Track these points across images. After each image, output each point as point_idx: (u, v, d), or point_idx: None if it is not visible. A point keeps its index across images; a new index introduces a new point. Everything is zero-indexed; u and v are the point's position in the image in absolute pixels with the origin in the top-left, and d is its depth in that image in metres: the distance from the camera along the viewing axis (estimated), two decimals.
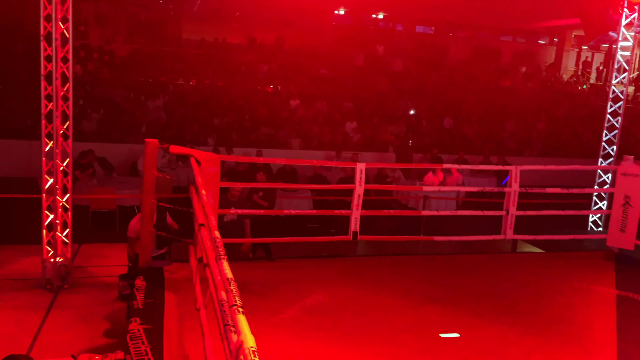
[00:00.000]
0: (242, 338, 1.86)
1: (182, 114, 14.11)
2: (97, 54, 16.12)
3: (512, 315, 5.02)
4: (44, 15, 6.18)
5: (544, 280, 5.94)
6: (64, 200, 6.59)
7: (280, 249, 7.50)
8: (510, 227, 6.44)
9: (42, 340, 5.42)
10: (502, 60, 23.02)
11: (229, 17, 21.91)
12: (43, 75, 6.26)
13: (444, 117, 16.91)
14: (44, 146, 6.38)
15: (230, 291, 2.28)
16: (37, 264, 6.76)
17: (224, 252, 2.70)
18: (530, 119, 18.16)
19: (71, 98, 6.49)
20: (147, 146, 5.26)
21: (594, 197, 9.60)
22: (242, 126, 14.09)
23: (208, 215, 3.46)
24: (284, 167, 10.85)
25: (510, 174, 6.33)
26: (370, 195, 10.43)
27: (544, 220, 6.87)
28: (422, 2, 18.52)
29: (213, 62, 17.55)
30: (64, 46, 6.32)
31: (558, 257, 6.75)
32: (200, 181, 4.48)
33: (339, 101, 16.72)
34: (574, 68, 25.33)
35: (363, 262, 6.24)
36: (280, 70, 18.11)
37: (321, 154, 13.73)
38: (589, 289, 5.77)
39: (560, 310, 5.19)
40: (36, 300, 6.23)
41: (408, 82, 19.18)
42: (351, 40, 21.86)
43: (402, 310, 4.98)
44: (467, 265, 6.41)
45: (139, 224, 5.59)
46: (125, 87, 14.93)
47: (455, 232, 6.84)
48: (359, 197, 6.00)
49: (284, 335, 4.32)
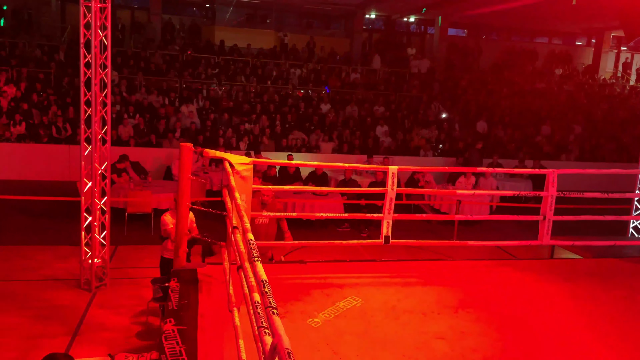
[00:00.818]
0: (277, 339, 1.86)
1: (215, 118, 14.33)
2: (133, 60, 16.54)
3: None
4: (83, 23, 6.38)
5: (580, 287, 5.75)
6: (102, 203, 6.77)
7: (312, 252, 7.52)
8: (548, 233, 6.27)
9: (80, 339, 5.57)
10: (538, 63, 22.53)
11: (261, 22, 22.18)
12: (82, 82, 6.45)
13: (478, 121, 16.66)
14: (82, 150, 6.58)
15: (264, 293, 2.29)
16: (75, 265, 6.96)
17: (257, 254, 2.72)
18: (567, 122, 17.71)
19: (109, 104, 6.67)
20: (182, 150, 5.35)
21: (634, 202, 9.28)
22: (273, 130, 14.20)
23: (241, 218, 3.49)
24: (314, 171, 10.89)
25: (548, 178, 6.18)
26: (401, 199, 10.41)
27: (582, 225, 6.68)
28: (454, 5, 18.35)
29: (245, 68, 17.78)
30: (102, 53, 6.51)
31: (597, 264, 6.53)
32: (233, 184, 4.53)
33: (370, 105, 16.69)
34: (613, 69, 24.59)
35: (395, 266, 6.17)
36: (311, 74, 18.20)
37: (352, 158, 13.72)
38: (630, 297, 5.56)
39: (597, 318, 5.02)
40: (75, 300, 6.41)
41: (440, 85, 18.99)
42: (383, 43, 21.82)
43: (435, 316, 4.90)
44: (502, 271, 6.27)
45: (167, 223, 5.71)
46: (160, 92, 15.26)
47: (490, 238, 6.70)
48: (391, 201, 5.95)
49: (315, 340, 4.31)
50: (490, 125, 16.58)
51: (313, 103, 16.26)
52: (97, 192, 6.68)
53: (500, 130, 16.28)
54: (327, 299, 5.08)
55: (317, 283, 5.54)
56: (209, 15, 22.04)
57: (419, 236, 9.26)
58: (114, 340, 5.53)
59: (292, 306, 4.85)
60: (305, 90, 17.52)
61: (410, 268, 6.14)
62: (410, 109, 16.95)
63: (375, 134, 14.99)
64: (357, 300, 5.10)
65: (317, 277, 5.71)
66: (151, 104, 14.58)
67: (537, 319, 4.96)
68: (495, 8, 17.10)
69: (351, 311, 4.89)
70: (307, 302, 5.01)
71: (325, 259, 6.42)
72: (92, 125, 6.48)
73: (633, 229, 9.26)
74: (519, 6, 16.25)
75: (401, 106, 17.11)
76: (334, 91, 17.36)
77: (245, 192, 5.26)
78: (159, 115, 14.13)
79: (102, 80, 6.55)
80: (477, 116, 17.02)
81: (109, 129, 6.73)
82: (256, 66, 17.84)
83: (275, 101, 15.91)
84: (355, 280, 5.63)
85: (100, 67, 6.51)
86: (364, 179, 11.46)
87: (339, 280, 5.59)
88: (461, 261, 6.93)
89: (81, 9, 6.36)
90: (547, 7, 16.78)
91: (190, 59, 17.59)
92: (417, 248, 7.71)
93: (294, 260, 6.85)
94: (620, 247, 7.09)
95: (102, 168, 6.73)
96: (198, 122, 14.11)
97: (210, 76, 16.88)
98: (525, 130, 16.65)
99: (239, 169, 5.13)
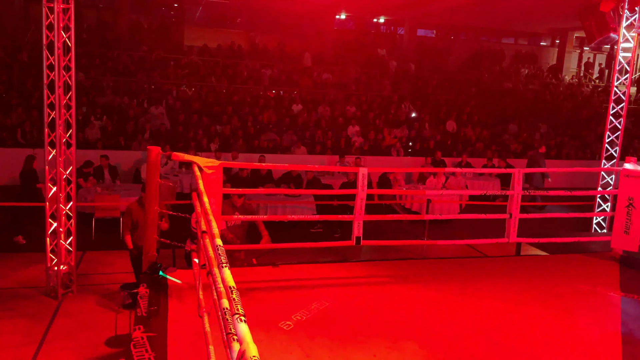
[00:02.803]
0: (244, 347, 1.86)
1: (185, 120, 14.17)
2: (99, 61, 16.20)
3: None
4: (46, 24, 6.22)
5: (547, 283, 5.91)
6: (68, 208, 6.61)
7: (285, 254, 7.51)
8: (514, 230, 6.43)
9: (46, 348, 5.43)
10: (504, 63, 23.01)
11: (231, 23, 22.02)
12: (46, 84, 6.29)
13: (447, 121, 16.91)
14: (47, 154, 6.41)
15: (232, 299, 2.28)
16: (41, 272, 6.78)
17: (226, 260, 2.70)
18: (533, 121, 18.14)
19: (74, 106, 6.52)
20: (150, 153, 5.28)
21: (597, 199, 9.57)
22: (245, 132, 14.12)
23: (210, 222, 3.47)
24: (289, 172, 10.86)
25: (513, 177, 6.32)
26: (373, 199, 10.48)
27: (548, 222, 6.86)
28: (423, 6, 18.58)
29: (215, 68, 17.62)
30: (66, 55, 6.36)
31: (562, 260, 6.72)
32: (202, 188, 4.49)
33: (341, 105, 16.75)
34: (576, 69, 25.31)
35: (366, 267, 6.23)
36: (282, 75, 18.16)
37: (324, 159, 13.76)
38: (594, 291, 5.75)
39: (565, 312, 5.16)
40: (40, 309, 6.25)
41: (410, 85, 19.20)
42: (353, 44, 21.93)
43: (406, 316, 4.96)
44: (471, 268, 6.39)
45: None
46: (128, 93, 14.99)
47: (459, 236, 6.82)
48: (362, 202, 6.00)
49: (287, 343, 4.31)
50: (459, 125, 16.85)
51: (285, 104, 16.23)
52: (63, 197, 6.52)
53: (469, 130, 16.56)
54: (299, 301, 5.09)
55: (289, 285, 5.54)
56: (177, 15, 21.76)
57: (391, 236, 9.36)
58: (81, 349, 5.41)
59: (264, 309, 4.85)
60: (277, 91, 17.47)
61: (381, 268, 6.20)
62: (381, 109, 17.09)
63: (347, 134, 15.06)
64: (329, 302, 5.12)
65: (289, 279, 5.72)
66: (119, 106, 14.31)
67: (504, 316, 5.07)
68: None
69: (323, 312, 4.91)
70: (279, 304, 5.00)
71: (297, 261, 6.43)
72: (56, 129, 6.33)
73: (596, 225, 9.55)
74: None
75: (372, 106, 17.23)
76: (305, 91, 17.37)
77: (214, 195, 5.23)
78: (127, 117, 13.88)
79: (66, 82, 6.40)
80: (447, 115, 17.28)
81: (74, 132, 6.58)
82: (227, 66, 17.70)
83: (246, 102, 15.82)
84: (327, 281, 5.66)
85: (64, 69, 6.36)
86: (336, 179, 11.50)
87: (311, 282, 5.61)
88: (431, 260, 7.04)
89: (43, 10, 6.20)
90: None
91: (159, 60, 17.33)
92: (389, 248, 7.78)
93: (266, 262, 6.83)
94: (584, 243, 7.31)
95: (67, 172, 6.58)
96: (168, 124, 13.92)
97: (180, 77, 16.68)
98: (493, 129, 16.99)
99: (208, 172, 5.09)
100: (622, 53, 8.97)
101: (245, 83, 17.18)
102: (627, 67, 9.03)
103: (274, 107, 15.84)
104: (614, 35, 8.75)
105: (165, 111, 14.47)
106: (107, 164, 10.34)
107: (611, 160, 9.23)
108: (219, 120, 14.46)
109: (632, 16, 8.62)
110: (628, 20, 8.66)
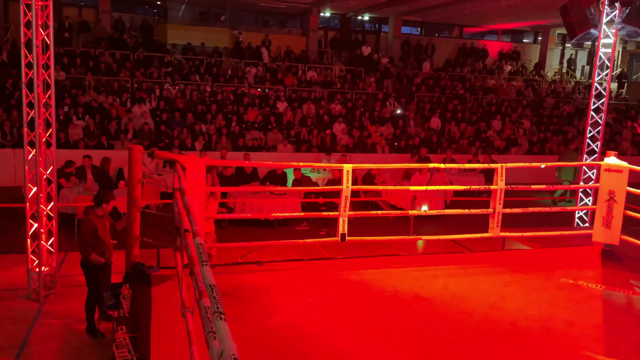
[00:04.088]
0: (223, 345, 1.84)
1: (169, 119, 14.04)
2: (81, 59, 15.98)
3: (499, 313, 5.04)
4: (24, 22, 6.12)
5: (530, 277, 5.97)
6: (48, 208, 6.52)
7: (270, 252, 7.48)
8: (497, 225, 6.47)
9: (28, 351, 5.35)
10: (488, 60, 23.19)
11: (216, 20, 21.86)
12: (24, 83, 6.19)
13: (432, 118, 17.00)
14: (26, 154, 6.31)
15: (213, 298, 2.26)
16: (22, 274, 6.67)
17: (207, 259, 2.68)
18: (516, 117, 18.31)
19: (54, 105, 6.43)
20: (132, 152, 5.22)
21: (579, 193, 9.68)
22: (230, 130, 14.05)
23: (192, 221, 3.43)
24: (274, 170, 10.83)
25: (496, 172, 6.36)
26: (359, 196, 10.50)
27: (531, 217, 6.92)
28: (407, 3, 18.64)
29: (200, 66, 17.49)
30: (45, 52, 6.27)
31: (545, 254, 6.79)
32: (185, 187, 4.45)
33: (327, 103, 16.74)
34: (559, 65, 25.61)
35: (352, 263, 6.22)
36: (267, 73, 18.10)
37: (310, 157, 13.74)
38: (576, 285, 5.81)
39: (547, 306, 5.22)
40: (22, 311, 6.16)
41: (395, 83, 19.26)
42: (337, 42, 21.93)
43: (393, 310, 4.97)
44: (455, 264, 6.43)
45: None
46: (110, 93, 14.81)
47: (445, 232, 6.85)
48: (347, 199, 6.00)
49: (272, 341, 4.30)
50: (444, 121, 16.95)
51: (270, 102, 16.17)
52: (43, 198, 6.42)
53: (453, 126, 16.66)
54: (284, 299, 5.08)
55: (274, 283, 5.52)
56: (160, 14, 21.55)
57: (377, 232, 9.35)
58: (64, 352, 5.34)
59: (249, 307, 4.82)
60: (262, 89, 17.40)
61: (366, 264, 6.20)
62: (366, 107, 17.11)
63: (333, 131, 15.06)
64: (315, 299, 5.12)
65: (274, 277, 5.70)
66: (101, 105, 14.14)
67: (488, 309, 5.11)
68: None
69: (309, 310, 4.90)
70: (265, 303, 4.98)
71: (283, 259, 6.41)
72: (35, 128, 6.23)
73: (578, 219, 9.66)
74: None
75: (358, 104, 17.25)
76: (290, 89, 17.32)
77: (198, 194, 5.19)
78: (109, 116, 13.72)
79: (45, 81, 6.30)
80: (431, 112, 17.37)
81: (54, 131, 6.49)
82: (211, 65, 17.58)
83: (230, 100, 15.73)
84: (312, 279, 5.65)
85: (43, 67, 6.26)
86: (322, 177, 11.50)
87: (296, 279, 5.59)
88: (416, 256, 7.06)
89: (21, 7, 6.10)
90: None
91: (142, 58, 17.15)
92: (374, 244, 7.78)
93: (251, 261, 6.80)
94: (567, 237, 7.39)
95: (48, 172, 6.48)
96: (151, 123, 13.79)
97: (164, 75, 16.52)
98: (478, 126, 17.11)
99: (191, 171, 5.04)
100: (603, 49, 9.08)
101: (229, 81, 17.09)
102: (608, 62, 9.14)
103: (259, 105, 15.78)
104: (595, 32, 8.85)
105: (149, 110, 14.33)
106: (89, 164, 10.21)
107: (592, 155, 9.34)
108: (203, 119, 14.37)
109: (612, 12, 8.72)
110: (608, 17, 8.77)
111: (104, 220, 5.77)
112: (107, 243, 5.75)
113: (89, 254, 5.64)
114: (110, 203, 5.73)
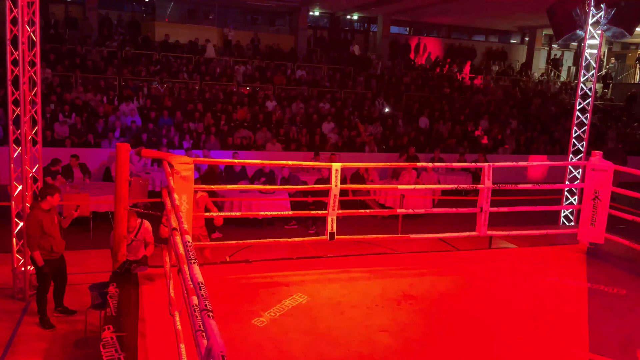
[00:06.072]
0: (211, 343, 1.84)
1: (157, 117, 13.94)
2: (68, 57, 15.81)
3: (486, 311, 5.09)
4: (9, 18, 6.05)
5: (516, 275, 6.03)
6: None
7: (259, 251, 7.47)
8: (484, 224, 6.53)
9: (14, 351, 5.29)
10: (476, 60, 23.37)
11: (204, 18, 21.76)
12: (10, 79, 6.13)
13: (420, 117, 17.07)
14: (12, 152, 6.24)
15: (201, 296, 2.26)
16: (8, 273, 6.60)
17: (195, 257, 2.67)
18: (504, 117, 18.46)
19: (40, 103, 6.36)
20: (119, 150, 5.18)
21: (565, 192, 9.79)
22: (218, 129, 13.99)
23: (180, 219, 3.42)
24: (262, 169, 10.81)
25: (483, 171, 6.42)
26: (347, 195, 10.52)
27: (517, 216, 6.99)
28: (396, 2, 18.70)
29: (188, 65, 17.39)
30: (31, 49, 6.20)
31: (531, 253, 6.87)
32: (172, 185, 4.43)
33: (316, 102, 16.73)
34: (545, 66, 25.86)
35: (340, 262, 6.24)
36: (256, 71, 18.04)
37: (299, 156, 13.72)
38: (562, 283, 5.88)
39: (534, 304, 5.28)
40: (7, 310, 6.09)
41: (384, 82, 19.30)
42: (327, 40, 21.95)
43: (379, 309, 5.00)
44: (444, 262, 6.48)
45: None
46: (98, 90, 14.67)
47: (433, 230, 6.89)
48: (335, 198, 6.01)
49: (261, 339, 4.30)
50: (432, 121, 17.03)
51: (259, 100, 16.12)
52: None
53: (441, 126, 16.75)
54: (273, 297, 5.08)
55: (262, 282, 5.52)
56: (148, 11, 21.39)
57: (365, 231, 9.39)
58: (50, 351, 5.29)
59: (237, 306, 4.82)
60: (251, 88, 17.34)
61: (355, 263, 6.23)
62: (355, 106, 17.14)
63: (322, 130, 15.06)
64: (303, 298, 5.13)
65: (263, 275, 5.70)
66: (88, 103, 14.00)
67: (477, 307, 5.16)
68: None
69: (297, 308, 4.91)
70: (253, 301, 4.98)
71: (271, 257, 6.41)
72: (21, 126, 6.16)
73: (564, 218, 9.77)
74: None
75: (346, 103, 17.27)
76: (279, 88, 17.28)
77: (186, 193, 5.17)
78: (97, 114, 13.59)
79: (32, 78, 6.23)
80: (420, 112, 17.44)
81: (40, 129, 6.42)
82: (199, 63, 17.49)
83: (219, 99, 15.66)
84: (301, 277, 5.65)
85: (29, 64, 6.19)
86: (312, 175, 11.50)
87: (284, 278, 5.60)
88: (405, 254, 7.10)
89: (7, 3, 6.03)
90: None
91: (129, 56, 17.01)
92: (363, 242, 7.81)
93: (240, 260, 6.80)
94: (552, 236, 7.47)
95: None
96: (139, 121, 13.68)
97: (152, 73, 16.40)
98: (465, 126, 17.21)
99: (179, 169, 5.02)
100: (588, 50, 9.18)
101: (218, 80, 17.01)
102: (593, 63, 9.25)
103: (248, 103, 15.73)
104: (580, 32, 8.95)
105: (137, 108, 14.22)
106: (76, 163, 10.12)
107: (578, 154, 9.45)
108: (191, 118, 14.29)
109: (598, 13, 8.82)
110: (594, 17, 8.87)
111: (51, 214, 5.80)
112: (55, 237, 5.78)
113: (34, 250, 5.67)
114: (55, 196, 5.73)
